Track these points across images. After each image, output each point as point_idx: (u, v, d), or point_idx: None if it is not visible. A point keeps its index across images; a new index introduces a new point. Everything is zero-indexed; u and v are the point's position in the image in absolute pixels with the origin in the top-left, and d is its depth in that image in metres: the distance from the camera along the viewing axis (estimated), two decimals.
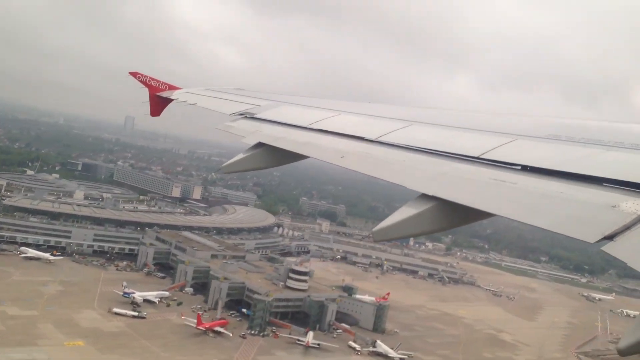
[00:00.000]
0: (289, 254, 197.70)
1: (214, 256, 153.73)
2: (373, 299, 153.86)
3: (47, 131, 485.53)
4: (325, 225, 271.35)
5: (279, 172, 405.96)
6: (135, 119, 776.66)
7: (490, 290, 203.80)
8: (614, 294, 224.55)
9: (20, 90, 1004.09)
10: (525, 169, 6.77)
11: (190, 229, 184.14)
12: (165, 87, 22.18)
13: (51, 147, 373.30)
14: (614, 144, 6.75)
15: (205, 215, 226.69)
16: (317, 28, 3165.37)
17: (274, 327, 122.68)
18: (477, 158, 7.42)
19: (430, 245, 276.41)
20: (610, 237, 4.79)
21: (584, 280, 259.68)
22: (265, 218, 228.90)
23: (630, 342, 4.21)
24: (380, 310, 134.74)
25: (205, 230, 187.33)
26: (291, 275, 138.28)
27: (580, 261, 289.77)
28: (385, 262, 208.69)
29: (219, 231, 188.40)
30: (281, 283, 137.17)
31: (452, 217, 6.81)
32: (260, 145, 11.62)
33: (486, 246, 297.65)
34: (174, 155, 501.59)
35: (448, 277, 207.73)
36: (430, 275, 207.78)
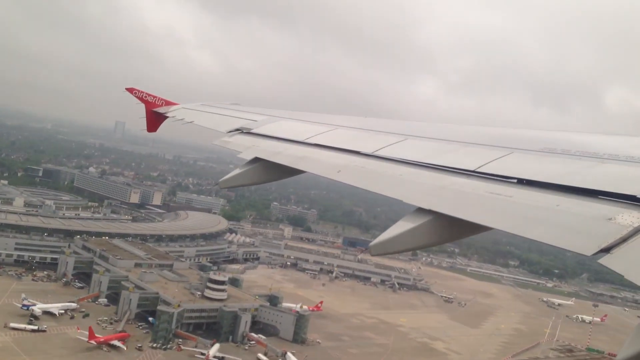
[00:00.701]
0: (234, 261, 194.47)
1: (138, 265, 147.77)
2: (306, 307, 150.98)
3: (29, 137, 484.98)
4: (288, 230, 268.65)
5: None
6: (125, 124, 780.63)
7: (443, 296, 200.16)
8: (573, 299, 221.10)
9: (14, 96, 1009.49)
10: (521, 182, 6.85)
11: (126, 236, 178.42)
12: (162, 102, 22.10)
13: (23, 153, 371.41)
14: (609, 157, 6.86)
15: (157, 221, 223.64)
16: (274, 30, 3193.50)
17: (179, 340, 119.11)
18: (473, 172, 7.51)
19: None
20: (606, 250, 4.87)
21: (550, 284, 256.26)
22: (217, 223, 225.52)
23: (630, 353, 4.20)
24: (300, 320, 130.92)
25: (142, 238, 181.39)
26: (209, 284, 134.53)
27: (551, 266, 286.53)
28: (336, 268, 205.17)
29: (159, 238, 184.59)
30: (198, 293, 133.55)
31: (449, 231, 6.92)
32: (256, 160, 11.79)
33: (456, 250, 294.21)
34: (157, 160, 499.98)
35: (401, 284, 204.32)
36: (383, 282, 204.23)
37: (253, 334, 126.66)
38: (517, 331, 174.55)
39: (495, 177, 7.15)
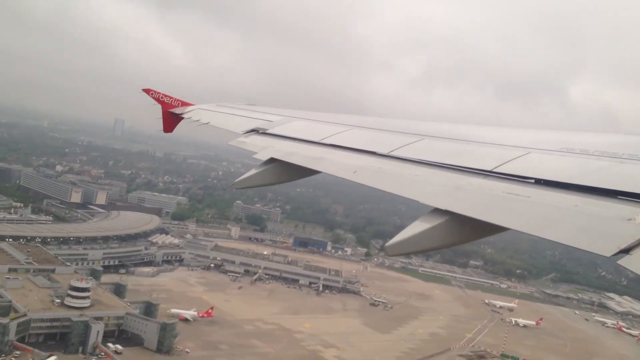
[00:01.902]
0: (150, 263, 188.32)
1: (12, 270, 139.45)
2: (195, 313, 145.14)
3: (17, 134, 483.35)
4: (235, 230, 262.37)
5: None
6: (124, 122, 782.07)
7: (372, 299, 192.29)
8: (516, 301, 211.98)
9: (14, 93, 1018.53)
10: (539, 182, 6.81)
11: (21, 238, 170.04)
12: (178, 103, 22.34)
13: None
14: (629, 157, 6.83)
15: (81, 222, 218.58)
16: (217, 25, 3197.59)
17: (17, 352, 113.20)
18: (490, 172, 7.51)
19: (349, 250, 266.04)
20: (626, 251, 4.85)
21: (504, 286, 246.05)
22: (146, 224, 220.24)
23: None
24: (164, 329, 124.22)
25: (43, 240, 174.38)
26: (69, 292, 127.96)
27: (517, 266, 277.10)
28: (260, 270, 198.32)
29: (65, 240, 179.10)
30: (57, 301, 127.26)
31: (466, 232, 6.89)
32: (272, 160, 11.81)
33: None
34: (142, 158, 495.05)
35: (329, 286, 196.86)
36: (311, 285, 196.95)
37: (110, 345, 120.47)
38: (434, 336, 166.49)
39: (513, 178, 7.13)
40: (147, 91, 22.60)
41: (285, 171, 11.64)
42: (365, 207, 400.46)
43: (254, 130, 14.74)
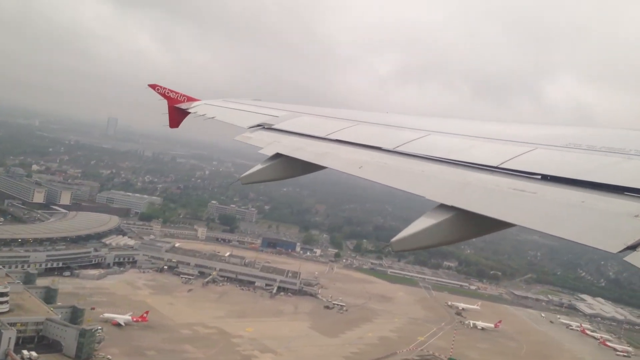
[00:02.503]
0: (98, 265, 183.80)
1: None
2: (129, 317, 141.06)
3: (3, 134, 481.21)
4: (202, 231, 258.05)
5: None
6: (118, 120, 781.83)
7: (328, 301, 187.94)
8: (480, 303, 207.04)
9: (15, 92, 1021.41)
10: (546, 178, 6.81)
11: None
12: (184, 98, 22.55)
13: None
14: (636, 153, 6.81)
15: (33, 222, 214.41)
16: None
17: None
18: (496, 167, 7.52)
19: (318, 251, 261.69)
20: (633, 247, 4.84)
21: (473, 287, 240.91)
22: (103, 224, 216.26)
23: None
24: (83, 335, 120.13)
25: None
26: None
27: (492, 267, 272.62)
28: (215, 272, 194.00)
29: (6, 243, 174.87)
30: None
31: (472, 228, 6.90)
32: (278, 156, 11.87)
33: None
34: (129, 157, 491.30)
35: (286, 288, 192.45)
36: (268, 287, 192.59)
37: (25, 352, 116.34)
38: (383, 340, 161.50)
39: (519, 173, 7.14)
40: (153, 86, 22.56)
41: (291, 166, 11.70)
42: (351, 207, 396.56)
43: (260, 126, 14.77)
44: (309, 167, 11.28)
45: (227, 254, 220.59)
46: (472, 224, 6.76)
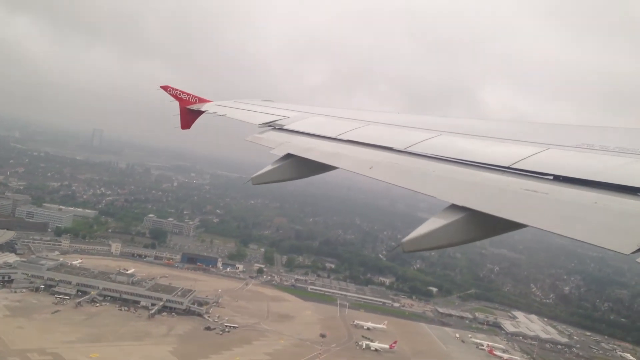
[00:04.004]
0: None
1: None
2: None
3: None
4: (117, 246, 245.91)
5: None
6: (103, 131, 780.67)
7: (214, 321, 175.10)
8: (386, 322, 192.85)
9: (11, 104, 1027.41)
10: (558, 178, 6.80)
11: None
12: (196, 100, 23.06)
13: None
14: None
15: None
16: None
17: None
18: (508, 168, 7.49)
19: (240, 267, 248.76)
20: None
21: (397, 304, 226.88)
22: None
23: None
24: None
25: None
26: None
27: (428, 282, 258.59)
28: (93, 292, 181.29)
29: None
30: None
31: (483, 228, 6.89)
32: (288, 156, 12.02)
33: (333, 266, 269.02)
34: (96, 169, 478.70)
35: (172, 308, 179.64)
36: (154, 306, 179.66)
37: None
38: None
39: (531, 174, 7.12)
40: (165, 88, 22.89)
41: (302, 167, 11.78)
42: (317, 219, 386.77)
43: (271, 126, 14.96)
44: (320, 168, 11.34)
45: (130, 270, 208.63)
46: (483, 225, 6.70)
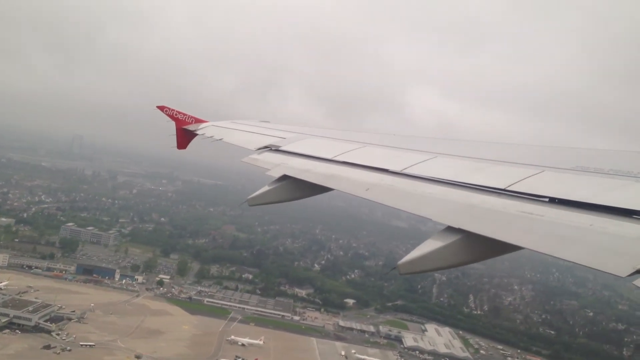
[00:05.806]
0: None
1: None
2: None
3: None
4: (4, 257, 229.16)
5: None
6: (83, 137, 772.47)
7: (62, 339, 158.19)
8: (262, 338, 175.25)
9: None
10: (553, 201, 6.74)
11: None
12: (192, 120, 22.72)
13: None
14: None
15: None
16: None
17: None
18: (504, 190, 7.44)
19: (139, 278, 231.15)
20: None
21: (297, 317, 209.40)
22: None
23: None
24: None
25: None
26: None
27: (349, 294, 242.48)
28: None
29: None
30: None
31: (479, 250, 6.84)
32: (285, 177, 11.88)
33: (251, 277, 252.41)
34: (55, 175, 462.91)
35: (20, 324, 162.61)
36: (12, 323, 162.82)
37: None
38: None
39: (527, 196, 7.07)
40: (161, 108, 22.66)
41: (298, 188, 11.62)
42: (272, 227, 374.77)
43: (267, 147, 14.88)
44: (316, 189, 11.30)
45: (3, 283, 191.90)
46: (479, 247, 6.63)
